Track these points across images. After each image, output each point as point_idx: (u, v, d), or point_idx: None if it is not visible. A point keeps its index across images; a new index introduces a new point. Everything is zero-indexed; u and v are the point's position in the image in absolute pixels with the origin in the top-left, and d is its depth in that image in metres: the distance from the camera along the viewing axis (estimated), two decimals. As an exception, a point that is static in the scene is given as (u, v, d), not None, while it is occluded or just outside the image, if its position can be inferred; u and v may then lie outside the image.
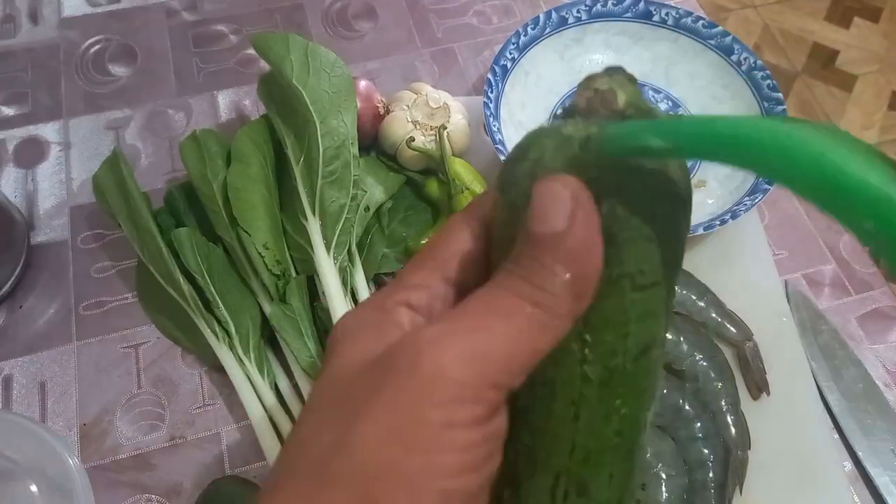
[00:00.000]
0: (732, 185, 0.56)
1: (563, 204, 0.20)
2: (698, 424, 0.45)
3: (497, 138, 0.55)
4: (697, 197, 0.57)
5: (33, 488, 0.45)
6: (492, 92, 0.58)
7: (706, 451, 0.45)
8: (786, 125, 0.17)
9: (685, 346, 0.48)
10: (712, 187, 0.57)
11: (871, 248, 0.17)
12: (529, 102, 0.61)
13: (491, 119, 0.56)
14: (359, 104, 0.54)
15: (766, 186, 0.53)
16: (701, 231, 0.51)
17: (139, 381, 0.51)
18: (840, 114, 1.65)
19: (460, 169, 0.55)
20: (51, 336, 0.53)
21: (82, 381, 0.51)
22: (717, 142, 0.18)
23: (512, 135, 0.58)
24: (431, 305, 0.23)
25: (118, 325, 0.53)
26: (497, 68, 0.59)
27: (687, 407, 0.45)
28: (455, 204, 0.53)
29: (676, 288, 0.36)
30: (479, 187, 0.55)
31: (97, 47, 0.68)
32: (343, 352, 0.22)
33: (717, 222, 0.52)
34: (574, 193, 0.20)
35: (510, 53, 0.60)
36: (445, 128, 0.55)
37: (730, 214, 0.52)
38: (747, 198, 0.53)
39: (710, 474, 0.44)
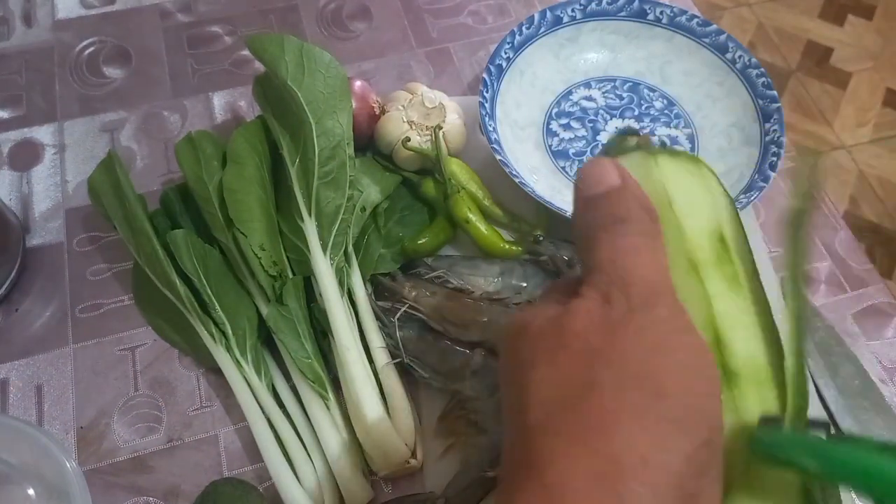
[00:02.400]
0: (728, 183, 0.56)
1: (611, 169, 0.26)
2: None
3: (493, 138, 0.55)
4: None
5: (30, 492, 0.45)
6: (487, 91, 0.58)
7: None
8: None
9: None
10: (708, 185, 0.57)
11: None
12: (525, 102, 0.61)
13: (486, 119, 0.56)
14: (354, 104, 0.54)
15: (762, 184, 0.53)
16: None
17: (136, 384, 0.51)
18: (834, 111, 1.65)
19: (456, 169, 0.55)
20: (47, 339, 0.53)
21: (79, 384, 0.51)
22: (872, 481, 0.20)
23: (507, 134, 0.58)
24: None
25: (114, 328, 0.53)
26: (492, 68, 0.59)
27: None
28: (451, 204, 0.53)
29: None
30: (474, 187, 0.55)
31: (91, 49, 0.68)
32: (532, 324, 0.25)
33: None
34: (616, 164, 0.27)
35: (505, 53, 0.60)
36: (441, 128, 0.55)
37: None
38: (742, 196, 0.54)
39: None
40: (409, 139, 0.55)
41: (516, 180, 0.53)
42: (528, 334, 0.24)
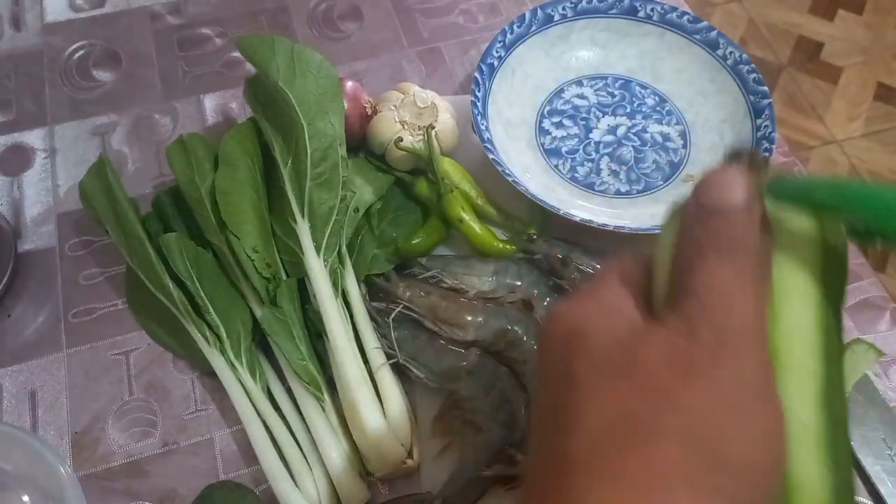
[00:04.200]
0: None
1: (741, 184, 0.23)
2: None
3: (485, 137, 0.55)
4: (686, 191, 0.57)
5: (25, 498, 0.44)
6: (479, 91, 0.57)
7: None
8: None
9: None
10: (700, 182, 0.58)
11: None
12: (517, 100, 0.61)
13: (479, 118, 0.56)
14: (346, 105, 0.54)
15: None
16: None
17: (130, 388, 0.51)
18: (826, 106, 1.66)
19: (449, 168, 0.55)
20: (40, 344, 0.52)
21: (73, 390, 0.51)
22: (880, 208, 0.21)
23: (500, 133, 0.58)
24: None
25: (108, 332, 0.53)
26: (484, 67, 0.59)
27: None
28: (444, 203, 0.53)
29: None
30: (467, 186, 0.55)
31: (81, 53, 0.68)
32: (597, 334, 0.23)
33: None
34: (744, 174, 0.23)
35: (497, 52, 0.60)
36: (434, 127, 0.55)
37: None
38: (735, 191, 0.54)
39: None
40: (401, 139, 0.55)
41: (509, 179, 0.53)
42: (590, 350, 0.22)
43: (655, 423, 0.19)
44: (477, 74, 0.58)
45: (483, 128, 0.56)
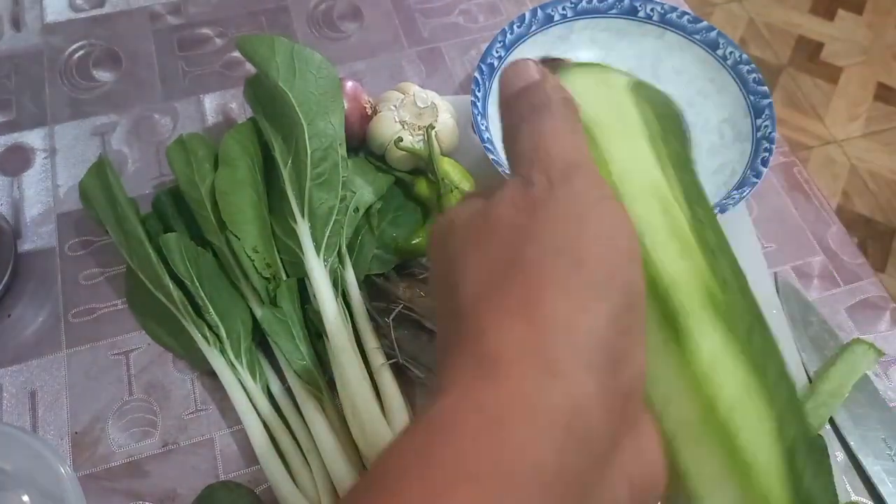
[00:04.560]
0: (720, 180, 0.57)
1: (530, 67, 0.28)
2: None
3: (485, 137, 0.55)
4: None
5: (25, 498, 0.44)
6: (479, 91, 0.57)
7: None
8: None
9: None
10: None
11: None
12: (517, 100, 0.61)
13: (479, 118, 0.56)
14: (346, 105, 0.54)
15: (754, 180, 0.53)
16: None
17: (130, 388, 0.51)
18: (826, 106, 1.66)
19: (449, 168, 0.55)
20: (40, 344, 0.52)
21: (73, 390, 0.51)
22: None
23: (500, 133, 0.58)
24: None
25: (108, 332, 0.53)
26: (484, 67, 0.59)
27: None
28: (444, 203, 0.53)
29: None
30: (468, 186, 0.55)
31: (81, 53, 0.68)
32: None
33: (706, 216, 0.52)
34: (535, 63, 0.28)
35: (497, 52, 0.60)
36: (433, 127, 0.55)
37: (718, 208, 0.52)
38: (735, 192, 0.54)
39: None
40: (401, 139, 0.55)
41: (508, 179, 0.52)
42: (455, 229, 0.25)
43: (519, 255, 0.22)
44: (477, 74, 0.58)
45: (483, 128, 0.56)
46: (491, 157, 0.54)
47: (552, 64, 0.31)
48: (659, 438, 0.23)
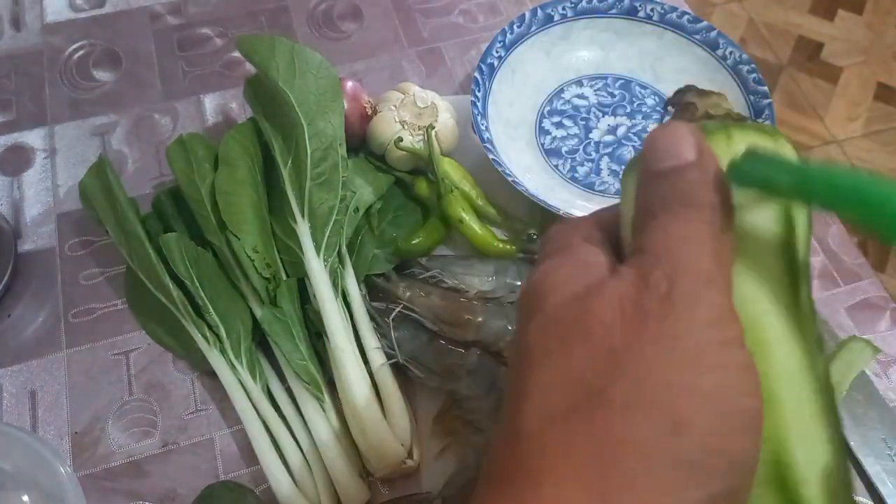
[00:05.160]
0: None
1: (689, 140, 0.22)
2: None
3: (485, 137, 0.55)
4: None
5: (25, 498, 0.44)
6: (479, 91, 0.57)
7: None
8: None
9: None
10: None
11: None
12: (517, 100, 0.61)
13: (479, 118, 0.56)
14: (346, 104, 0.54)
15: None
16: None
17: (130, 388, 0.51)
18: (826, 106, 1.66)
19: (449, 168, 0.55)
20: (40, 344, 0.52)
21: (73, 389, 0.51)
22: (843, 196, 0.19)
23: (500, 133, 0.58)
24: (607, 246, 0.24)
25: (108, 332, 0.53)
26: (484, 67, 0.59)
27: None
28: (444, 203, 0.53)
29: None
30: (467, 186, 0.55)
31: (81, 53, 0.68)
32: (557, 294, 0.21)
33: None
34: (692, 129, 0.23)
35: (497, 51, 0.60)
36: (434, 127, 0.55)
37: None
38: (735, 191, 0.54)
39: None
40: (401, 139, 0.55)
41: (509, 179, 0.53)
42: (544, 311, 0.21)
43: (604, 389, 0.18)
44: (477, 74, 0.58)
45: (483, 128, 0.56)
46: (491, 156, 0.54)
47: (701, 101, 0.25)
48: None
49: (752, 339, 0.21)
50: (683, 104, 0.28)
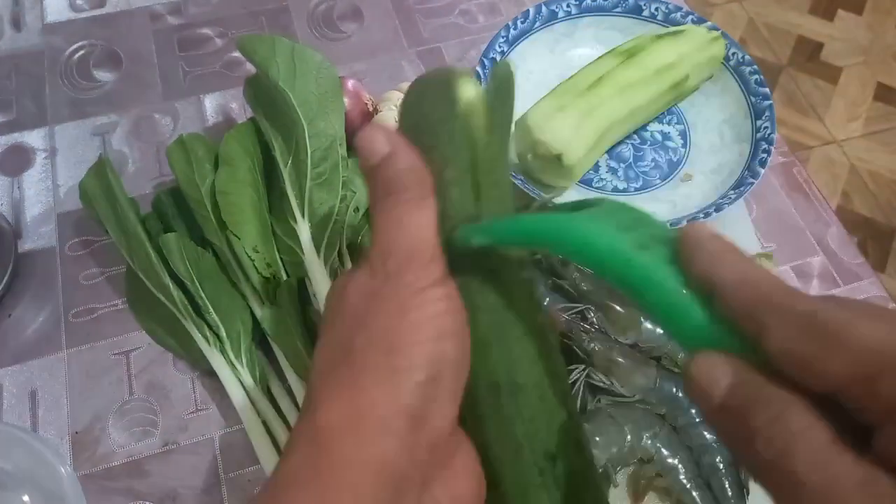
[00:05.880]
0: (718, 180, 0.57)
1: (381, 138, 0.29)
2: (694, 410, 0.46)
3: (485, 137, 0.55)
4: (683, 190, 0.57)
5: (26, 498, 0.44)
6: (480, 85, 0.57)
7: (707, 434, 0.45)
8: (563, 219, 0.25)
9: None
10: (698, 181, 0.58)
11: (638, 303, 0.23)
12: (519, 97, 0.61)
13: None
14: (347, 103, 0.54)
15: (751, 181, 0.53)
16: (685, 224, 0.51)
17: (131, 388, 0.51)
18: (825, 106, 1.66)
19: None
20: (40, 344, 0.52)
21: (73, 389, 0.51)
22: (524, 236, 0.26)
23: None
24: None
25: (108, 332, 0.53)
26: (486, 61, 0.59)
27: (680, 394, 0.46)
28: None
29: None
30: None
31: (81, 53, 0.68)
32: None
33: (702, 215, 0.52)
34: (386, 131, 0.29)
35: (499, 47, 0.60)
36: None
37: (714, 207, 0.52)
38: (732, 191, 0.54)
39: (718, 457, 0.45)
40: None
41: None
42: (331, 297, 0.29)
43: (352, 342, 0.26)
44: (478, 69, 0.58)
45: (483, 127, 0.56)
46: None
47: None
48: (474, 467, 0.28)
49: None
50: None
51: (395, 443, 0.24)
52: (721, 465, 0.44)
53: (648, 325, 0.47)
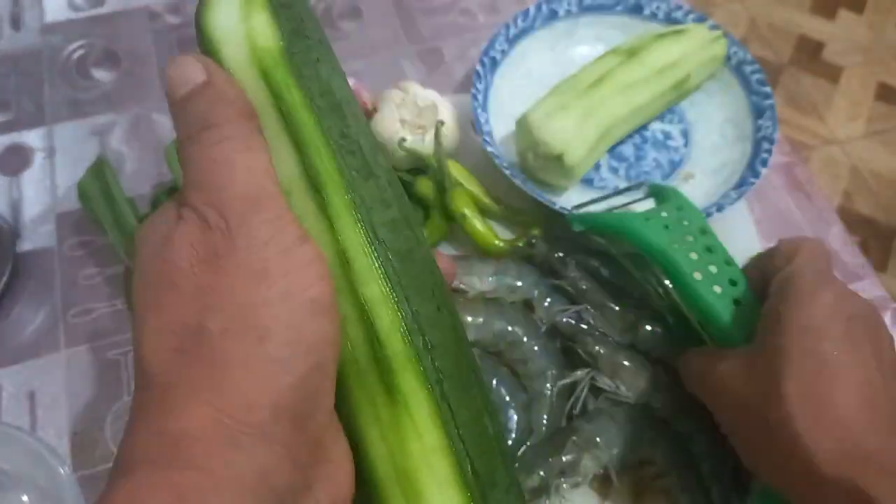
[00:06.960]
0: (720, 179, 0.56)
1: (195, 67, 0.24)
2: (697, 416, 0.45)
3: (485, 129, 0.55)
4: (685, 189, 0.57)
5: (25, 498, 0.44)
6: (480, 83, 0.57)
7: (709, 440, 0.44)
8: (628, 217, 0.42)
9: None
10: (699, 180, 0.57)
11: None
12: (519, 95, 0.61)
13: (479, 110, 0.56)
14: (346, 104, 0.54)
15: (752, 180, 0.53)
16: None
17: (130, 388, 0.51)
18: (827, 105, 1.65)
19: (452, 170, 0.55)
20: (39, 344, 0.52)
21: (72, 390, 0.50)
22: (608, 228, 0.44)
23: (501, 129, 0.58)
24: None
25: (107, 332, 0.53)
26: (486, 60, 0.58)
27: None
28: (448, 198, 0.53)
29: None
30: (470, 184, 0.55)
31: (80, 52, 0.68)
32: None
33: (703, 214, 0.51)
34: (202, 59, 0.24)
35: (500, 45, 0.60)
36: (444, 122, 0.54)
37: (715, 207, 0.52)
38: (733, 191, 0.53)
39: (719, 463, 0.44)
40: (404, 139, 0.54)
41: (506, 172, 0.52)
42: (139, 263, 0.23)
43: (202, 325, 0.20)
44: (479, 67, 0.58)
45: (483, 120, 0.56)
46: (489, 149, 0.53)
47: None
48: (347, 461, 0.23)
49: (312, 217, 0.23)
50: None
51: (275, 450, 0.20)
52: (722, 472, 0.44)
53: (647, 328, 0.47)
